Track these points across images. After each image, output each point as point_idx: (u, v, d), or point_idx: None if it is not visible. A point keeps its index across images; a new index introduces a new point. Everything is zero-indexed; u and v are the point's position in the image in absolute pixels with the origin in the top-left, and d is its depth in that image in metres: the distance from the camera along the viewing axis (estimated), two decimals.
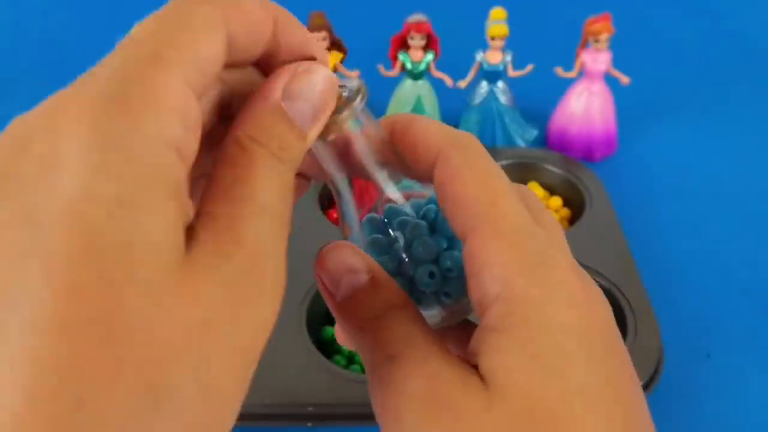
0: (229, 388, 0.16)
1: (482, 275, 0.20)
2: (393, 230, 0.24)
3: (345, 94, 0.22)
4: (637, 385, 0.21)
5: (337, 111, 0.21)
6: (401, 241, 0.23)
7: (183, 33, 0.17)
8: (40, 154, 0.15)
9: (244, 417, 0.48)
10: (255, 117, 0.19)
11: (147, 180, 0.15)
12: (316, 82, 0.20)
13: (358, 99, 0.21)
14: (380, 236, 0.24)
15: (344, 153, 0.23)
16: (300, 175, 0.24)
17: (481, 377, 0.19)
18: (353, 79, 0.23)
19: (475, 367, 0.20)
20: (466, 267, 0.21)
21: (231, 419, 0.17)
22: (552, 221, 0.22)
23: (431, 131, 0.23)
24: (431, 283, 0.23)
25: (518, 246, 0.20)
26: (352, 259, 0.22)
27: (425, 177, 0.23)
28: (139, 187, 0.15)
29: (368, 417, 0.48)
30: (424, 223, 0.23)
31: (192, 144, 0.17)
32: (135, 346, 0.14)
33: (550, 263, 0.20)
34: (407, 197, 0.24)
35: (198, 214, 0.17)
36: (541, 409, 0.18)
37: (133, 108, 0.16)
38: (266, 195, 0.18)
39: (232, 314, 0.16)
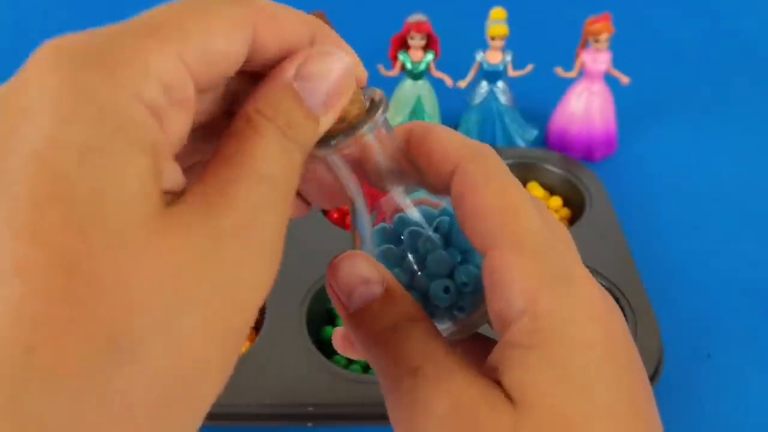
0: (204, 350, 0.15)
1: (505, 290, 0.20)
2: (405, 242, 0.23)
3: (366, 105, 0.21)
4: (649, 392, 0.21)
5: (357, 126, 0.21)
6: (413, 254, 0.23)
7: (196, 20, 0.17)
8: (15, 105, 0.15)
9: (244, 417, 0.48)
10: (264, 93, 0.19)
11: (117, 131, 0.15)
12: (333, 67, 0.19)
13: (380, 112, 0.21)
14: (392, 247, 0.23)
15: (359, 163, 0.22)
16: (300, 197, 0.24)
17: (506, 393, 0.19)
18: (374, 89, 0.22)
19: (497, 382, 0.20)
20: (486, 281, 0.21)
21: (207, 390, 0.16)
22: (565, 232, 0.22)
23: (448, 141, 0.22)
24: (446, 298, 0.23)
25: (540, 261, 0.20)
26: (366, 270, 0.22)
27: (440, 187, 0.23)
28: (109, 136, 0.15)
29: (368, 417, 0.48)
30: (437, 235, 0.23)
31: (178, 118, 0.17)
32: (97, 294, 0.14)
33: (570, 277, 0.20)
34: (418, 203, 0.23)
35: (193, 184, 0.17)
36: (568, 428, 0.18)
37: (110, 64, 0.15)
38: (267, 165, 0.17)
39: (213, 272, 0.16)
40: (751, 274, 0.62)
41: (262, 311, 0.54)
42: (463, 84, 0.72)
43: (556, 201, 0.68)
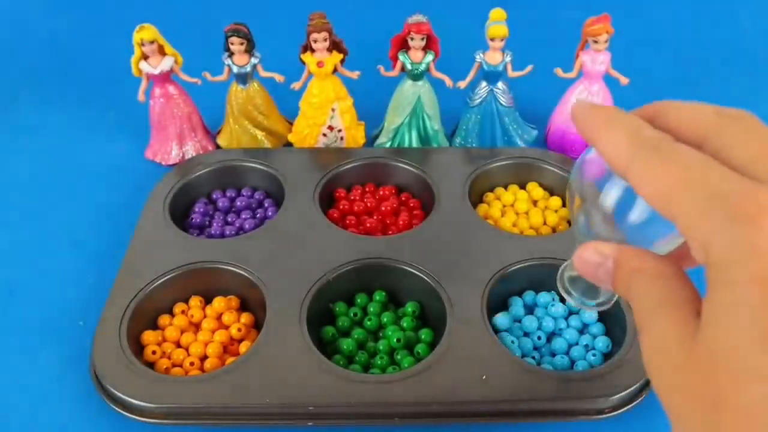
0: None
1: None
2: None
3: None
4: None
5: None
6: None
7: None
8: None
9: (244, 417, 0.49)
10: None
11: None
12: None
13: None
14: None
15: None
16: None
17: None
18: None
19: None
20: None
21: None
22: None
23: (699, 110, 0.28)
24: None
25: None
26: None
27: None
28: None
29: (368, 417, 0.48)
30: None
31: None
32: None
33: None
34: None
35: None
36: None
37: None
38: None
39: None
40: None
41: (263, 311, 0.54)
42: (463, 84, 0.72)
43: (556, 201, 0.68)
